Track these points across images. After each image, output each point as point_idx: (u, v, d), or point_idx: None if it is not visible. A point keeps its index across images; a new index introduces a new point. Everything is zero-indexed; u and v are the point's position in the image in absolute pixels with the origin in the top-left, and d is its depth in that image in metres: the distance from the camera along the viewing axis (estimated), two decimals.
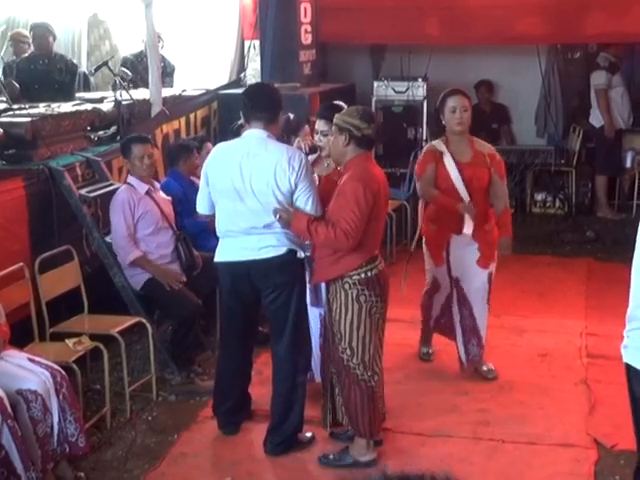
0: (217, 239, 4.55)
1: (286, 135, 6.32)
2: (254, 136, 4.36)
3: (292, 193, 4.27)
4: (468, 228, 5.23)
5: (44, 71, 7.61)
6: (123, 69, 7.32)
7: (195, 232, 5.90)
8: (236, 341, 4.68)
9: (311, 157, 5.01)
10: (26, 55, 7.87)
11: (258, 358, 5.19)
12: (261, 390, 4.93)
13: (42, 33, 7.64)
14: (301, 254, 4.40)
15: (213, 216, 4.52)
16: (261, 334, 5.33)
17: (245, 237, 4.35)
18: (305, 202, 4.28)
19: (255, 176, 4.27)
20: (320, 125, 4.87)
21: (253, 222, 4.31)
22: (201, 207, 4.55)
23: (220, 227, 4.45)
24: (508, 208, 5.40)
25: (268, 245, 4.33)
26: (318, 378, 5.20)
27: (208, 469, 4.44)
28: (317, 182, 4.89)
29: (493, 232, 5.31)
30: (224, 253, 4.47)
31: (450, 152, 5.17)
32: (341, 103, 5.11)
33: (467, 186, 5.15)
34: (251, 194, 4.28)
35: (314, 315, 5.10)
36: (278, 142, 4.42)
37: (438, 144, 5.24)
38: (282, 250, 4.34)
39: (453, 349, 5.46)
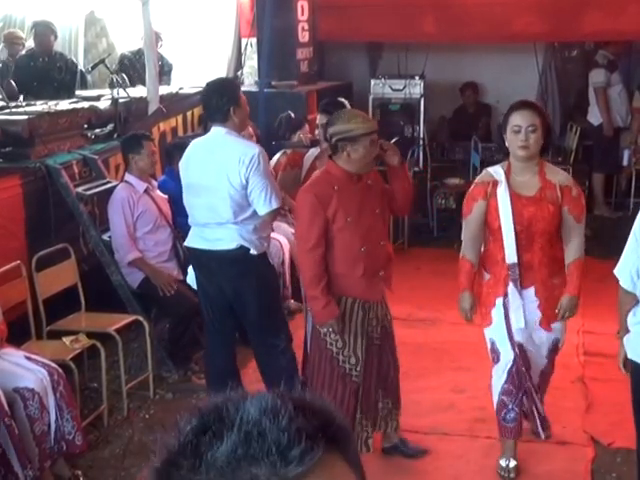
0: None
1: (288, 133, 6.34)
2: (215, 133, 4.52)
3: (245, 188, 4.37)
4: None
5: (44, 69, 7.60)
6: (123, 75, 7.31)
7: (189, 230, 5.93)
8: (215, 329, 4.79)
9: (312, 150, 5.03)
10: (24, 52, 7.87)
11: (250, 362, 5.22)
12: (258, 388, 4.94)
13: (43, 31, 7.63)
14: (254, 251, 4.49)
15: None
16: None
17: (204, 228, 4.55)
18: (259, 195, 4.39)
19: (210, 172, 4.42)
20: (321, 119, 4.89)
21: (208, 217, 4.49)
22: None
23: (189, 219, 4.69)
24: (580, 260, 4.11)
25: (220, 238, 4.49)
26: None
27: None
28: None
29: (563, 287, 4.17)
30: (189, 239, 4.71)
31: (510, 182, 4.06)
32: (343, 100, 5.13)
33: (525, 229, 4.02)
34: (207, 189, 4.44)
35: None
36: (237, 138, 4.50)
37: (496, 171, 4.10)
38: (232, 245, 4.47)
39: (449, 340, 5.44)
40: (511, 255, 4.04)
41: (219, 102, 4.44)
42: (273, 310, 4.72)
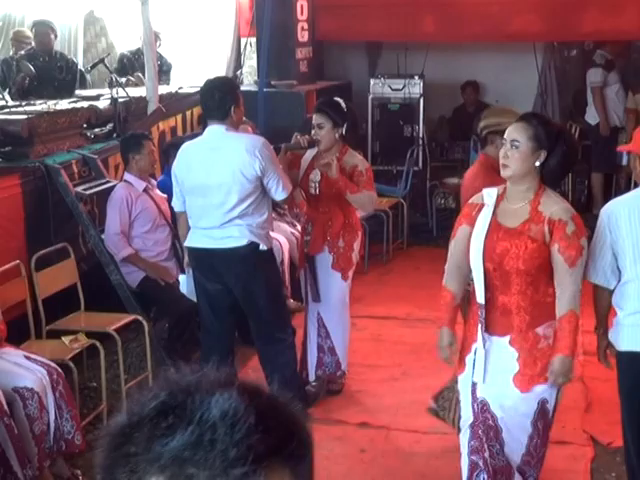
0: None
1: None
2: (213, 132, 4.54)
3: (259, 179, 4.44)
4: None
5: (44, 68, 7.59)
6: (130, 77, 7.32)
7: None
8: (213, 329, 4.81)
9: (310, 151, 5.02)
10: (24, 52, 7.86)
11: (250, 361, 5.21)
12: None
13: (44, 30, 7.62)
14: (263, 247, 4.53)
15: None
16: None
17: (212, 228, 4.55)
18: (276, 182, 4.49)
19: (218, 169, 4.44)
20: (317, 118, 4.89)
21: (218, 216, 4.50)
22: (176, 205, 4.78)
23: (191, 222, 4.67)
24: (574, 313, 3.35)
25: (230, 236, 4.51)
26: (312, 377, 5.22)
27: None
28: (319, 178, 4.91)
29: (550, 338, 3.43)
30: (190, 239, 4.69)
31: (498, 208, 3.44)
32: (339, 99, 5.13)
33: (498, 267, 3.38)
34: (215, 188, 4.45)
35: (312, 314, 5.13)
36: (238, 133, 4.58)
37: (489, 192, 3.48)
38: (243, 242, 4.50)
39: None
40: (479, 294, 3.44)
41: (222, 99, 4.48)
42: (280, 305, 4.82)
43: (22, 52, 7.87)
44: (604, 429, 4.64)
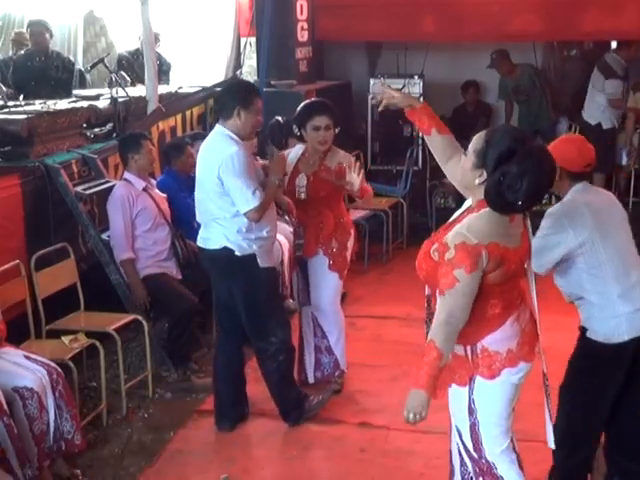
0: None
1: (282, 139, 6.28)
2: (214, 131, 4.55)
3: (220, 186, 4.36)
4: None
5: (41, 68, 7.61)
6: (122, 73, 7.31)
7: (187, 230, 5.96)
8: (223, 327, 4.82)
9: (293, 154, 5.01)
10: (23, 52, 7.88)
11: (250, 361, 5.21)
12: (257, 387, 4.94)
13: (39, 30, 7.65)
14: (238, 253, 4.45)
15: None
16: None
17: (202, 226, 4.61)
18: (234, 195, 4.35)
19: (203, 168, 4.47)
20: (324, 120, 4.88)
21: (200, 213, 4.56)
22: None
23: None
24: (432, 343, 2.95)
25: (208, 237, 4.53)
26: (312, 379, 5.21)
27: (204, 466, 4.44)
28: (305, 182, 4.90)
29: (457, 359, 3.27)
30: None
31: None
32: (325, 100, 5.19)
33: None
34: (199, 184, 4.51)
35: (307, 315, 5.13)
36: (225, 138, 4.42)
37: None
38: (217, 245, 4.48)
39: None
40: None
41: (227, 98, 4.49)
42: (263, 314, 4.59)
43: (21, 52, 7.88)
44: None
